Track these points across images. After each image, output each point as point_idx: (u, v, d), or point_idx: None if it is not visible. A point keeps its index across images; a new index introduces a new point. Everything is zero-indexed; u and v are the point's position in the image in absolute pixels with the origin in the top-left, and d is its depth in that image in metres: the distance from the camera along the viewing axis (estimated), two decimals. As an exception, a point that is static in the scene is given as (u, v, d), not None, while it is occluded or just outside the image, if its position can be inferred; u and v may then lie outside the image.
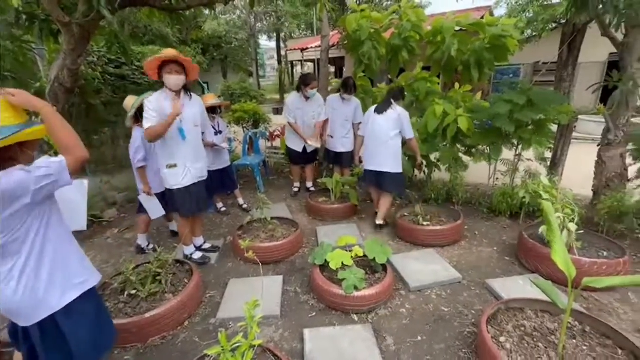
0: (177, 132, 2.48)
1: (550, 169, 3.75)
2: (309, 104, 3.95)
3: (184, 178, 2.58)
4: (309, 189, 4.52)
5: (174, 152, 2.52)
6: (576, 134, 7.72)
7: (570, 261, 1.57)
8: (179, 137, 2.49)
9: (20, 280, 1.20)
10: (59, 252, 1.31)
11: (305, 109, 3.96)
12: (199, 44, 15.12)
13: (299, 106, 3.96)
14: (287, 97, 4.11)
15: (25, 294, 1.21)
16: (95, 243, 3.37)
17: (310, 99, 3.92)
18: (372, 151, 3.25)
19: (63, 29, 2.97)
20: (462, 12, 11.27)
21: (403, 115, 3.12)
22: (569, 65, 3.59)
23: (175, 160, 2.53)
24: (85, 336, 1.34)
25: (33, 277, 1.22)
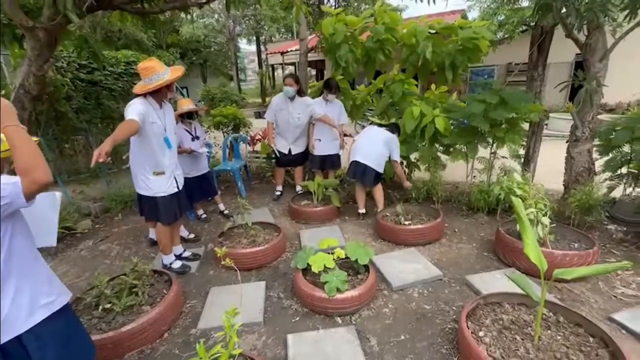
0: (163, 142, 2.49)
1: (524, 165, 3.89)
2: (293, 105, 3.91)
3: (169, 186, 2.57)
4: (297, 192, 4.41)
5: (161, 161, 2.51)
6: (548, 132, 8.08)
7: (541, 254, 1.62)
8: (165, 147, 2.51)
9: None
10: (25, 269, 1.22)
11: (289, 110, 3.92)
12: (177, 48, 14.85)
13: (282, 107, 3.92)
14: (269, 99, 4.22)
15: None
16: (67, 256, 3.22)
17: (295, 101, 3.90)
18: (364, 148, 3.46)
19: (27, 33, 2.85)
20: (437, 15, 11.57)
21: (395, 140, 3.47)
22: (539, 66, 3.74)
23: (163, 168, 2.53)
24: (54, 357, 1.26)
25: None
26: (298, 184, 4.44)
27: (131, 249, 3.27)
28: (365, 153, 3.44)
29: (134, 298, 2.11)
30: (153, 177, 2.50)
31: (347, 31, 3.75)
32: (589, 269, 1.57)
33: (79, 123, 4.69)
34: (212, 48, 17.61)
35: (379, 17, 3.76)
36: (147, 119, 2.35)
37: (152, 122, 2.39)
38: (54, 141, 4.56)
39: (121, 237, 3.56)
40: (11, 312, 1.16)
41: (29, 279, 1.23)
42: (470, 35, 3.44)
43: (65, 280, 2.80)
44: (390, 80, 4.20)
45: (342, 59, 3.75)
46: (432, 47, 3.62)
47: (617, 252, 2.81)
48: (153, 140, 2.42)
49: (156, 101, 2.45)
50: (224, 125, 5.58)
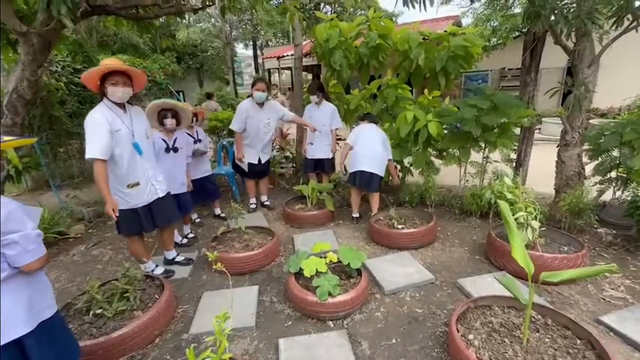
0: (131, 149, 2.31)
1: (516, 169, 3.93)
2: (263, 110, 3.70)
3: (147, 195, 2.45)
4: (263, 204, 4.30)
5: (133, 170, 2.35)
6: (541, 136, 8.18)
7: (528, 257, 1.65)
8: (135, 153, 2.33)
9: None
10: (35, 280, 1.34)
11: (259, 116, 3.69)
12: (173, 53, 14.86)
13: (250, 114, 3.66)
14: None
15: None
16: (60, 261, 3.20)
17: (264, 106, 3.71)
18: (367, 154, 3.43)
19: (21, 38, 2.86)
20: (431, 21, 11.68)
21: (386, 138, 3.51)
22: (531, 71, 3.79)
23: (137, 177, 2.37)
24: (51, 355, 1.36)
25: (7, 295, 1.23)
26: (264, 196, 4.30)
27: (124, 254, 3.26)
28: (369, 160, 3.39)
29: (125, 303, 2.10)
30: (128, 191, 2.34)
31: (341, 37, 3.79)
32: (575, 272, 1.59)
33: (73, 127, 4.68)
34: (209, 52, 17.64)
35: (373, 24, 3.81)
36: (111, 128, 2.17)
37: (116, 130, 2.21)
38: (48, 146, 4.54)
39: (114, 241, 3.54)
40: (19, 317, 1.26)
41: (36, 289, 1.34)
42: (461, 42, 3.50)
43: (57, 286, 2.78)
44: (384, 85, 4.25)
45: (336, 63, 3.78)
46: (424, 54, 3.67)
47: (606, 255, 2.84)
48: (118, 149, 2.23)
49: (117, 105, 2.27)
50: (219, 129, 5.59)
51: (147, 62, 7.24)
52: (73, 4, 2.54)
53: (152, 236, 3.48)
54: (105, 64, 2.18)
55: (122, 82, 2.22)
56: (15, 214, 1.20)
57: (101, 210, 4.19)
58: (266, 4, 3.79)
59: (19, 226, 1.20)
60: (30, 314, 1.29)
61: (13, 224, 1.19)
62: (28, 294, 1.30)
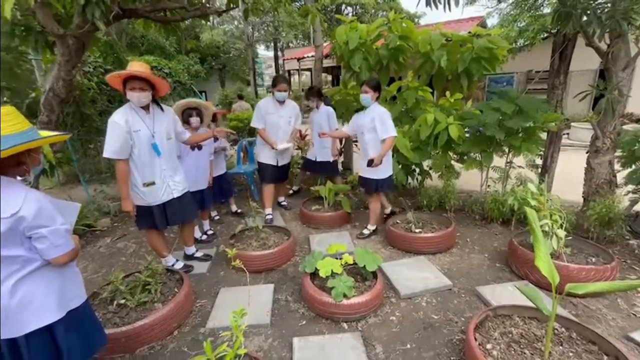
0: (150, 149, 2.37)
1: (541, 175, 3.79)
2: (284, 108, 3.62)
3: (163, 194, 2.50)
4: (280, 204, 4.31)
5: (150, 170, 2.41)
6: (569, 141, 7.84)
7: (553, 267, 1.59)
8: (154, 153, 2.40)
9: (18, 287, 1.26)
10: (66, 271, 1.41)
11: (279, 113, 3.59)
12: (197, 54, 15.29)
13: (270, 110, 3.57)
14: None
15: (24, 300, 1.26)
16: (87, 252, 3.36)
17: (285, 104, 3.62)
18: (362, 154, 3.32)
19: (58, 40, 3.02)
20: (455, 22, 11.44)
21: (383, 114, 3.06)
22: (560, 74, 3.65)
23: (153, 177, 2.43)
24: (76, 342, 1.42)
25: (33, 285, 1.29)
26: (281, 197, 4.23)
27: (146, 248, 3.38)
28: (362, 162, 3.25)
29: (147, 295, 2.18)
30: (144, 189, 2.41)
31: (361, 39, 3.78)
32: (603, 285, 1.52)
33: (103, 125, 4.90)
34: (231, 53, 18.04)
35: (393, 26, 3.78)
36: (130, 129, 2.26)
37: (135, 131, 2.28)
38: (79, 142, 4.77)
39: (137, 235, 3.68)
40: (51, 304, 1.33)
41: (67, 279, 1.41)
42: (485, 44, 3.41)
43: (84, 275, 2.92)
44: (404, 88, 4.20)
45: (355, 65, 3.78)
46: (447, 55, 3.60)
47: (638, 269, 2.69)
48: (137, 149, 2.31)
49: (141, 107, 2.35)
50: (239, 129, 5.70)
51: (172, 63, 7.50)
52: (106, 8, 2.67)
53: (173, 232, 3.59)
54: (130, 68, 2.27)
55: (139, 87, 2.26)
56: (46, 210, 1.26)
57: (126, 205, 4.37)
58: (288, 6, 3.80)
59: (48, 221, 1.27)
60: (60, 302, 1.36)
61: (43, 219, 1.25)
62: (59, 283, 1.37)
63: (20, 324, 1.27)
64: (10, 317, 1.25)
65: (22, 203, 1.20)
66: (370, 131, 3.07)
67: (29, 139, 1.24)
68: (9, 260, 1.23)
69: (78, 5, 2.64)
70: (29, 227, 1.22)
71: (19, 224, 1.20)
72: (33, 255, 1.28)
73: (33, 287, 1.29)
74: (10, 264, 1.24)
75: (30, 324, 1.28)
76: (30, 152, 1.31)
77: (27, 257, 1.26)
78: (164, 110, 2.51)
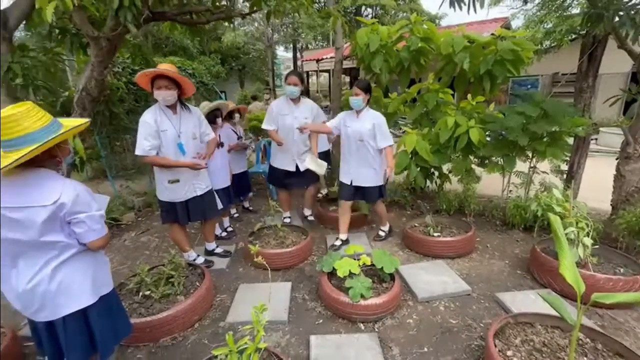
0: (176, 148, 2.47)
1: (567, 181, 3.67)
2: (298, 108, 3.28)
3: (186, 192, 2.59)
4: (307, 217, 3.90)
5: (175, 169, 2.51)
6: (598, 147, 7.53)
7: (579, 276, 1.55)
8: (179, 152, 2.48)
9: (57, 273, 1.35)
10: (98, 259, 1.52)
11: (293, 114, 3.27)
12: (218, 55, 15.62)
13: (283, 111, 3.28)
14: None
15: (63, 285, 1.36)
16: (113, 245, 3.51)
17: (300, 102, 3.30)
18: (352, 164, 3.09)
19: (92, 42, 3.16)
20: (478, 23, 11.20)
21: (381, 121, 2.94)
22: (589, 77, 3.53)
23: (177, 175, 2.53)
24: (107, 326, 1.51)
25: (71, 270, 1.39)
26: (307, 209, 3.88)
27: (168, 242, 3.49)
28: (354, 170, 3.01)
29: (170, 288, 2.26)
30: (169, 185, 2.52)
31: (382, 41, 3.77)
32: (632, 295, 1.47)
33: (129, 123, 5.10)
34: (251, 54, 18.32)
35: (415, 28, 3.76)
36: (158, 128, 2.38)
37: (162, 130, 2.39)
38: (106, 139, 4.99)
39: (160, 230, 3.81)
40: (87, 289, 1.42)
41: (98, 267, 1.50)
42: (510, 46, 3.34)
43: (111, 267, 3.02)
44: (424, 90, 4.16)
45: (376, 67, 3.77)
46: (469, 58, 3.55)
47: (671, 281, 2.56)
48: (164, 147, 2.42)
49: (168, 107, 2.44)
50: (258, 129, 5.79)
51: (194, 64, 7.72)
52: (137, 11, 2.79)
53: (195, 227, 3.70)
54: (158, 67, 2.39)
55: (165, 86, 2.34)
56: (83, 197, 1.35)
57: (150, 200, 4.52)
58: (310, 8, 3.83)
59: (85, 207, 1.35)
60: (94, 287, 1.45)
61: (81, 205, 1.34)
62: (93, 270, 1.46)
63: (59, 307, 1.36)
64: (49, 300, 1.34)
65: (61, 191, 1.29)
66: (371, 138, 2.90)
67: (56, 131, 1.30)
68: (50, 245, 1.32)
69: (111, 9, 2.76)
70: (69, 213, 1.31)
71: (59, 210, 1.28)
72: (71, 241, 1.37)
73: (71, 272, 1.38)
74: (50, 250, 1.33)
75: (68, 307, 1.37)
76: (60, 143, 1.37)
77: (66, 243, 1.35)
78: (191, 110, 2.60)
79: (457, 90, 4.11)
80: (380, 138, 2.88)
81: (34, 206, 1.25)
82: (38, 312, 1.36)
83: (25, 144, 1.21)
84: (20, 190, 1.26)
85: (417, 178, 3.71)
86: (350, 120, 2.97)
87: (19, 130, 1.20)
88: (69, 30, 3.59)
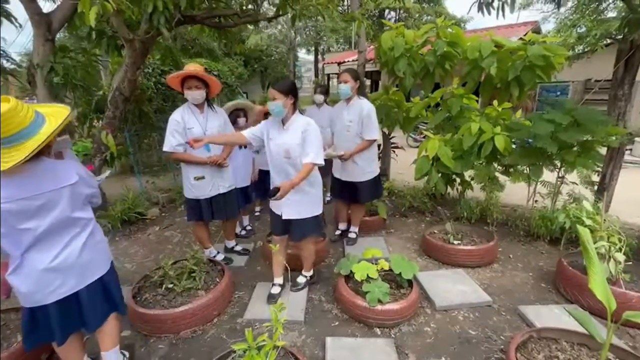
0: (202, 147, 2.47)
1: (597, 193, 3.51)
2: (348, 109, 3.01)
3: (210, 189, 2.68)
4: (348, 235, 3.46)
5: (201, 165, 2.60)
6: (632, 158, 7.14)
7: (610, 292, 1.48)
8: (204, 150, 2.56)
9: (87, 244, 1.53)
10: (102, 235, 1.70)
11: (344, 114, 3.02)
12: (241, 57, 15.96)
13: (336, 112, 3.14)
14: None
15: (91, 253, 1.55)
16: (138, 239, 3.66)
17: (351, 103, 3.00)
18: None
19: (127, 44, 3.33)
20: (506, 27, 10.90)
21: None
22: (625, 84, 3.37)
23: (203, 172, 2.62)
24: (117, 290, 1.71)
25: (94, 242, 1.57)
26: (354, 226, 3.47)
27: (190, 237, 3.60)
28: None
29: (192, 282, 2.34)
30: (195, 182, 2.62)
31: (406, 45, 3.75)
32: (668, 316, 1.39)
33: (157, 122, 5.31)
34: (273, 57, 18.60)
35: (441, 32, 3.71)
36: (185, 126, 2.48)
37: (189, 128, 2.49)
38: (135, 136, 5.21)
39: (182, 226, 3.93)
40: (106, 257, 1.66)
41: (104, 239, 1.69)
42: (540, 52, 3.23)
43: (137, 259, 3.20)
44: (448, 95, 4.10)
45: (400, 70, 3.75)
46: (497, 63, 3.47)
47: None
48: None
49: (196, 106, 2.55)
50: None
51: (219, 65, 7.92)
52: (170, 15, 2.92)
53: (215, 225, 3.79)
54: (187, 69, 2.50)
55: (195, 86, 2.47)
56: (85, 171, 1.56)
57: (173, 197, 4.68)
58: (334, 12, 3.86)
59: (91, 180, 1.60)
60: (108, 255, 1.68)
61: (89, 177, 1.58)
62: (105, 241, 1.67)
63: (87, 275, 1.54)
64: (78, 271, 1.49)
65: (74, 170, 1.47)
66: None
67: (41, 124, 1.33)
68: (76, 221, 1.48)
69: (145, 13, 2.90)
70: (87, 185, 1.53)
71: (80, 185, 1.48)
72: (91, 215, 1.57)
73: (94, 244, 1.56)
74: (75, 226, 1.48)
75: (95, 274, 1.57)
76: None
77: (89, 217, 1.55)
78: (217, 111, 2.71)
79: (482, 96, 4.02)
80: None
81: (61, 187, 1.39)
82: (61, 287, 1.45)
83: (20, 140, 1.25)
84: (38, 179, 1.35)
85: (438, 184, 3.65)
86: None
87: (14, 127, 1.23)
88: (106, 33, 3.79)
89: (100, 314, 1.62)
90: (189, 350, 2.04)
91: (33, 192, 1.32)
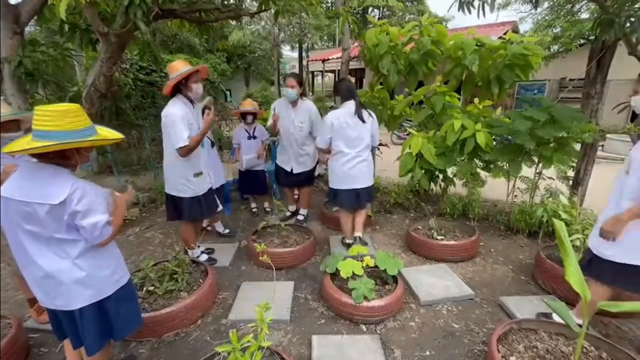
0: None
1: (573, 188, 3.65)
2: (295, 111, 3.29)
3: (205, 184, 2.69)
4: (295, 213, 3.92)
5: (199, 161, 2.60)
6: (604, 154, 7.47)
7: (585, 283, 1.54)
8: (201, 146, 2.59)
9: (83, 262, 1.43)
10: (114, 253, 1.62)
11: (290, 117, 3.30)
12: (224, 53, 15.67)
13: (282, 114, 3.31)
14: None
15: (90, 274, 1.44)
16: (117, 240, 3.51)
17: (297, 106, 3.29)
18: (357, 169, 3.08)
19: (101, 38, 3.19)
20: (485, 27, 11.15)
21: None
22: (597, 83, 3.50)
23: (201, 168, 2.62)
24: (124, 314, 1.60)
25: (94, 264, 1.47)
26: (301, 209, 3.86)
27: (172, 238, 3.51)
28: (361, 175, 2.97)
29: (174, 284, 2.27)
30: (195, 179, 2.58)
31: (391, 42, 3.76)
32: (637, 304, 1.46)
33: (136, 119, 5.13)
34: (257, 53, 18.34)
35: (425, 30, 3.75)
36: (186, 122, 2.42)
37: (190, 124, 2.45)
38: (113, 134, 5.02)
39: (164, 226, 3.83)
40: (107, 282, 1.51)
41: (113, 259, 1.58)
42: (520, 51, 3.32)
43: (115, 262, 3.07)
44: (431, 92, 4.15)
45: (384, 68, 3.76)
46: (479, 61, 3.53)
47: (677, 291, 2.53)
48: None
49: (189, 100, 2.54)
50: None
51: (201, 62, 7.76)
52: (147, 9, 2.81)
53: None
54: (177, 67, 2.46)
55: (201, 79, 2.54)
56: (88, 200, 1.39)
57: (154, 197, 4.55)
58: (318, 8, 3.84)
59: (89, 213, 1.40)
60: (112, 278, 1.55)
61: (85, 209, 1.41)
62: (108, 262, 1.55)
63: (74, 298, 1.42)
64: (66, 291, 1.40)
65: (67, 192, 1.30)
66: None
67: (89, 136, 1.34)
68: (61, 240, 1.36)
69: (121, 5, 2.78)
70: (71, 215, 1.33)
71: (62, 211, 1.31)
72: (79, 237, 1.40)
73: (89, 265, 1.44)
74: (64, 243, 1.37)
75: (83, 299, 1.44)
76: (81, 149, 1.40)
77: (74, 238, 1.39)
78: (198, 105, 2.68)
79: (464, 94, 4.10)
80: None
81: (40, 203, 1.28)
82: (54, 300, 1.41)
83: (48, 138, 1.26)
84: (32, 185, 1.30)
85: (422, 180, 3.71)
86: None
87: (52, 125, 1.27)
88: (79, 26, 3.61)
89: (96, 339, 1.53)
90: (171, 354, 1.99)
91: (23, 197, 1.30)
